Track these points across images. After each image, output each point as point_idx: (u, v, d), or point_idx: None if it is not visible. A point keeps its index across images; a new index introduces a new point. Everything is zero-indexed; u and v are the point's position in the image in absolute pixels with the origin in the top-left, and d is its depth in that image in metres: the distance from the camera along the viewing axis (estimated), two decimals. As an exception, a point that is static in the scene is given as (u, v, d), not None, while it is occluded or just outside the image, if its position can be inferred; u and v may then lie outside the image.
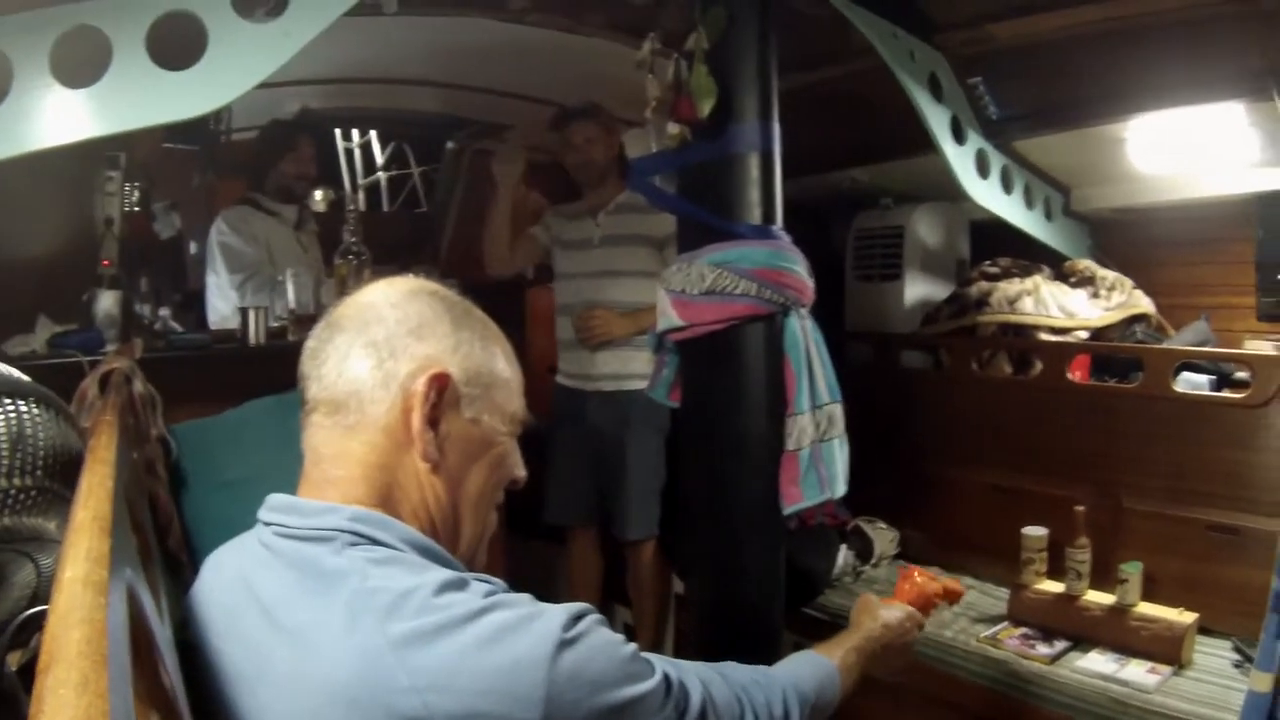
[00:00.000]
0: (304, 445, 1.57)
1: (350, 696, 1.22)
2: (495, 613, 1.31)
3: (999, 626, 3.49)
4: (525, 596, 1.39)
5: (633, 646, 1.46)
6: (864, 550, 4.27)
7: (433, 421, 1.52)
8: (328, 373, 1.53)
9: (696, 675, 1.62)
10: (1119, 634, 3.25)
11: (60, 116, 2.39)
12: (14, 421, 1.59)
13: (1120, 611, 3.26)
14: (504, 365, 1.66)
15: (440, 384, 1.52)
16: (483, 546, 1.69)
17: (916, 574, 2.71)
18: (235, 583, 1.46)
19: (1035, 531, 3.57)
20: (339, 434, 1.52)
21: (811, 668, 2.06)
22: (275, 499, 1.53)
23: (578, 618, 1.37)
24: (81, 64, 2.42)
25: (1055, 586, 3.49)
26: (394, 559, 1.39)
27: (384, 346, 1.52)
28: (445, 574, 1.37)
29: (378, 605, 1.28)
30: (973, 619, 3.60)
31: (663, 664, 1.52)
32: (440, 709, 1.22)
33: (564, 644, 1.31)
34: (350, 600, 1.30)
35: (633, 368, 4.51)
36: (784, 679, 1.90)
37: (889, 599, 2.58)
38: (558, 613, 1.36)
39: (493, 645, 1.27)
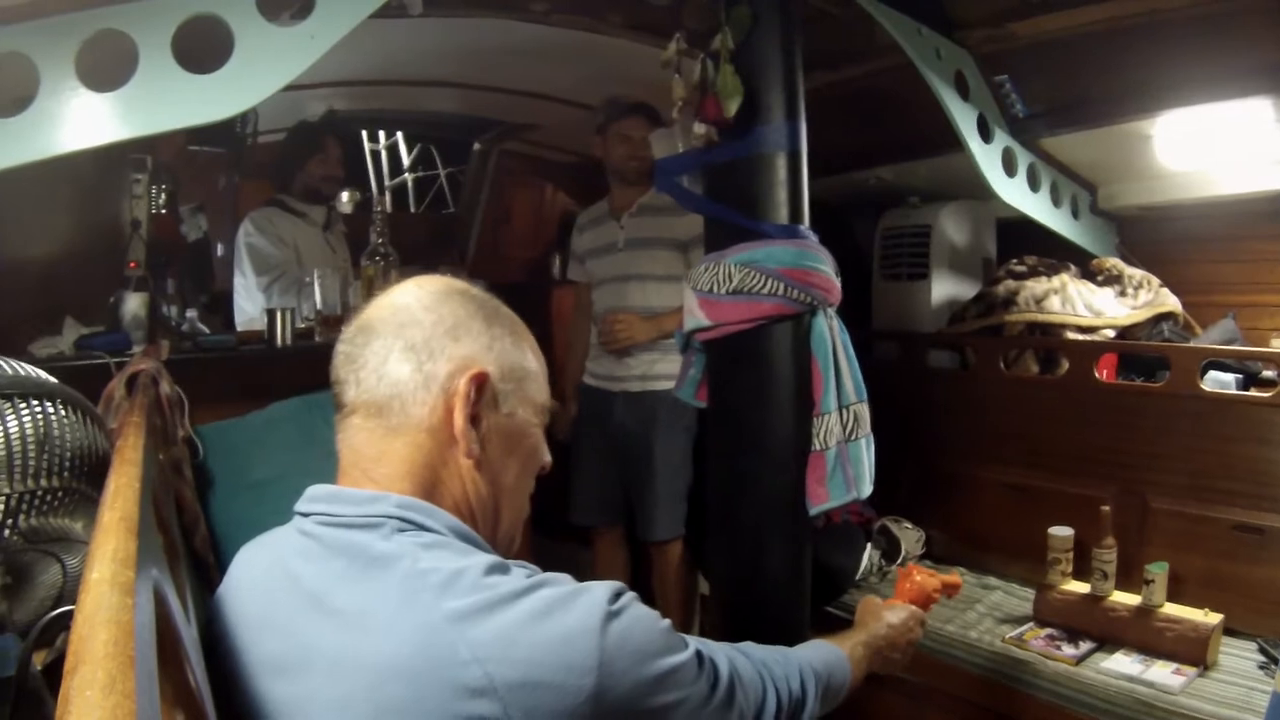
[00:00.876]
0: (340, 446, 1.59)
1: (412, 671, 1.24)
2: (543, 589, 1.35)
3: (1024, 627, 3.48)
4: (565, 576, 1.42)
5: (668, 622, 1.50)
6: (890, 549, 4.26)
7: (474, 419, 1.55)
8: (366, 376, 1.55)
9: (722, 651, 1.68)
10: (1144, 635, 3.23)
11: (86, 120, 2.39)
12: (41, 423, 1.60)
13: (1145, 612, 3.25)
14: (532, 358, 1.69)
15: (480, 382, 1.55)
16: (519, 532, 1.72)
17: (915, 573, 2.74)
18: (272, 574, 1.48)
19: (1061, 531, 3.55)
20: (381, 435, 1.54)
21: (824, 652, 2.11)
22: (317, 490, 1.55)
23: (619, 593, 1.42)
24: (108, 67, 2.43)
25: (1081, 587, 3.48)
26: (441, 543, 1.42)
27: (423, 349, 1.54)
28: (490, 557, 1.41)
29: (432, 584, 1.31)
30: (998, 619, 3.59)
31: (694, 641, 1.57)
32: (501, 678, 1.24)
33: (610, 615, 1.36)
34: (404, 580, 1.33)
35: (659, 369, 4.52)
36: (800, 658, 1.96)
37: (891, 600, 2.63)
38: (601, 588, 1.40)
39: (545, 617, 1.31)
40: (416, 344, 1.54)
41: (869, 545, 4.18)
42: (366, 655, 1.27)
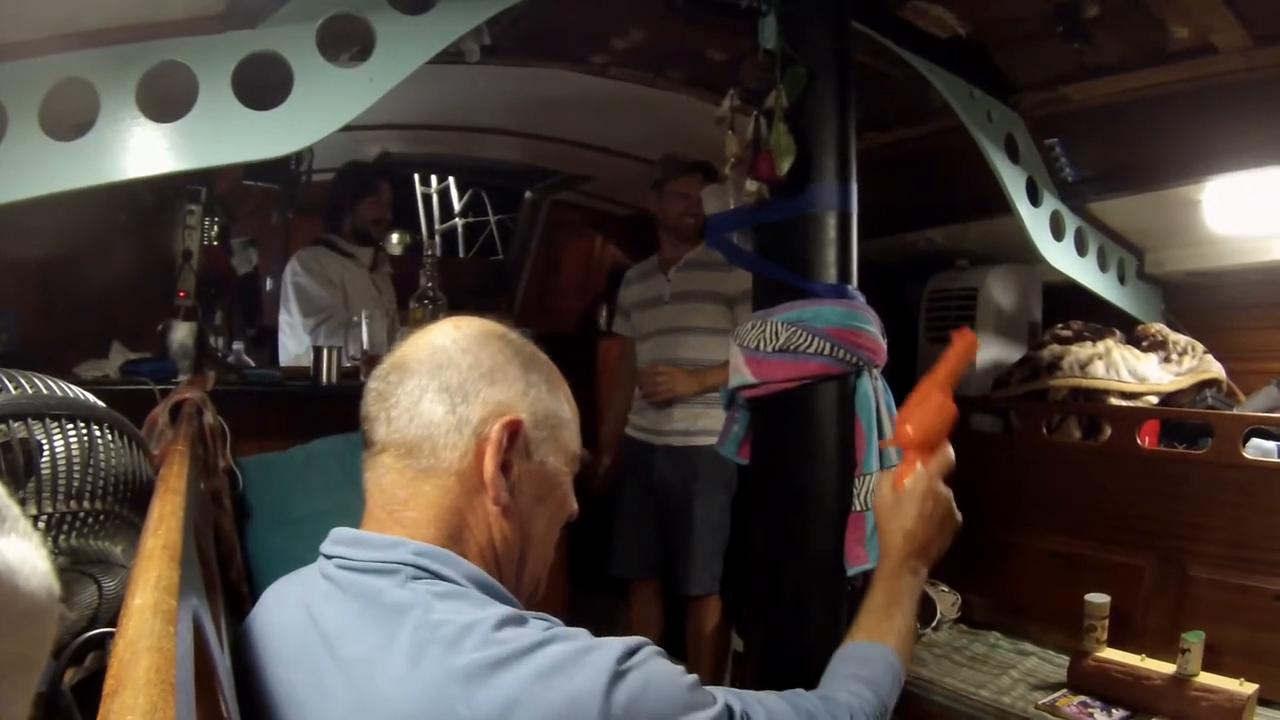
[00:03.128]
0: (367, 484, 1.58)
1: None
2: (552, 646, 1.31)
3: (1058, 694, 3.43)
4: (582, 631, 1.39)
5: (693, 677, 1.46)
6: (925, 613, 4.23)
7: (504, 466, 1.53)
8: (398, 415, 1.53)
9: (760, 703, 1.61)
10: (1179, 704, 3.19)
11: (144, 149, 2.43)
12: (85, 445, 1.61)
13: (1180, 681, 3.21)
14: (566, 406, 1.68)
15: (513, 430, 1.54)
16: (543, 580, 1.70)
17: (918, 408, 2.29)
18: (299, 613, 1.47)
19: (1098, 599, 3.52)
20: (410, 476, 1.52)
21: (869, 668, 1.95)
22: (340, 533, 1.55)
23: (633, 651, 1.38)
24: (168, 99, 2.46)
25: (1116, 655, 3.45)
26: (456, 593, 1.41)
27: (457, 392, 1.53)
28: (505, 610, 1.38)
29: (441, 637, 1.29)
30: (1032, 685, 3.55)
31: (725, 694, 1.51)
32: None
33: (618, 676, 1.32)
34: (414, 632, 1.31)
35: (702, 424, 4.52)
36: (849, 699, 1.83)
37: (901, 470, 2.22)
38: (614, 645, 1.36)
39: (550, 678, 1.27)
40: (451, 386, 1.54)
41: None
42: (373, 706, 1.27)
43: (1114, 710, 3.26)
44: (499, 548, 1.56)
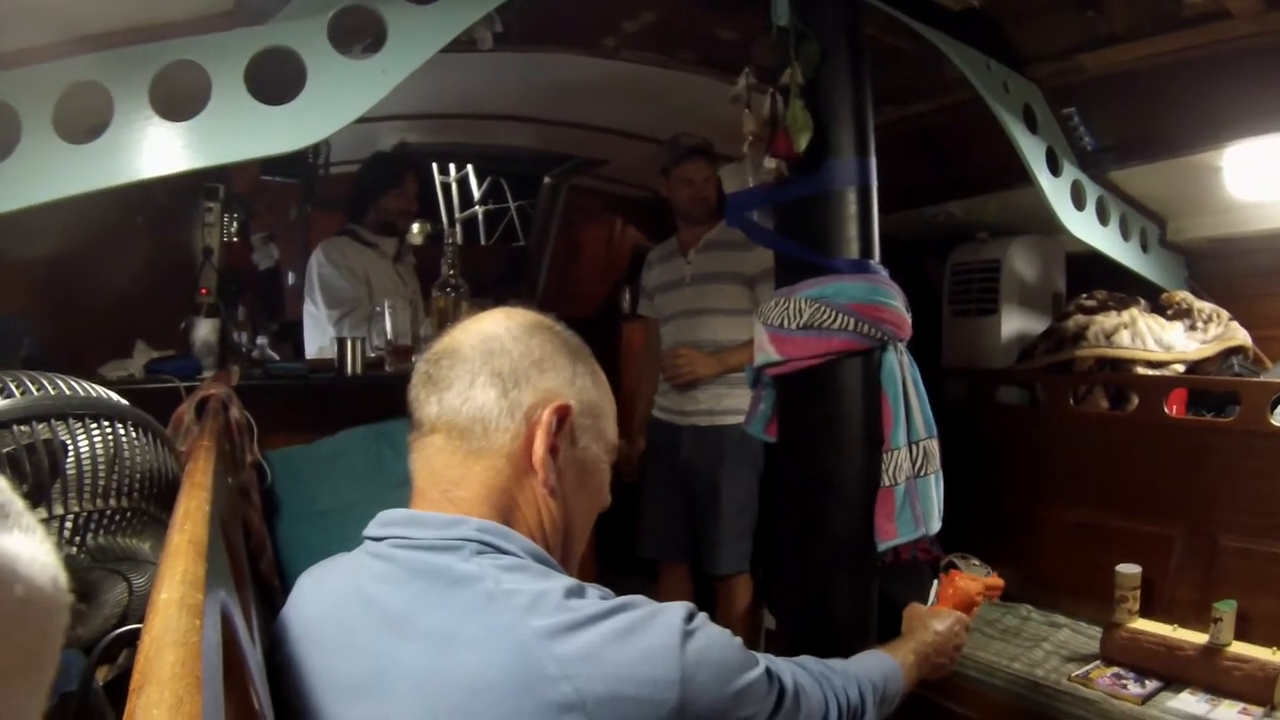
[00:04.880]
0: (416, 466, 1.62)
1: (502, 689, 1.28)
2: (623, 610, 1.39)
3: (1090, 666, 3.42)
4: (641, 597, 1.46)
5: (739, 640, 1.55)
6: (958, 587, 4.23)
7: (553, 450, 1.58)
8: (451, 398, 1.57)
9: (786, 666, 1.72)
10: (1211, 674, 3.18)
11: (159, 149, 2.43)
12: (112, 444, 1.62)
13: (1213, 651, 3.20)
14: (607, 397, 1.73)
15: (562, 415, 1.60)
16: (577, 566, 1.72)
17: (958, 578, 2.81)
18: (347, 599, 1.50)
19: (1129, 569, 3.51)
20: (461, 457, 1.56)
21: (878, 662, 2.17)
22: (393, 514, 1.57)
23: (693, 614, 1.47)
24: (182, 98, 2.46)
25: (1148, 625, 3.44)
26: (520, 566, 1.46)
27: (509, 377, 1.58)
28: (568, 580, 1.45)
29: (516, 604, 1.35)
30: (1064, 658, 3.53)
31: (761, 657, 1.60)
32: (590, 693, 1.28)
33: (688, 634, 1.41)
34: (488, 601, 1.36)
35: (726, 404, 4.52)
36: (856, 669, 2.01)
37: (935, 606, 2.72)
38: (677, 608, 1.46)
39: (628, 636, 1.36)
40: (504, 372, 1.58)
41: (935, 582, 4.15)
42: (454, 675, 1.30)
43: (1147, 681, 3.25)
44: (547, 528, 1.61)
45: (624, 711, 1.30)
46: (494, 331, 1.63)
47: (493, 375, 1.57)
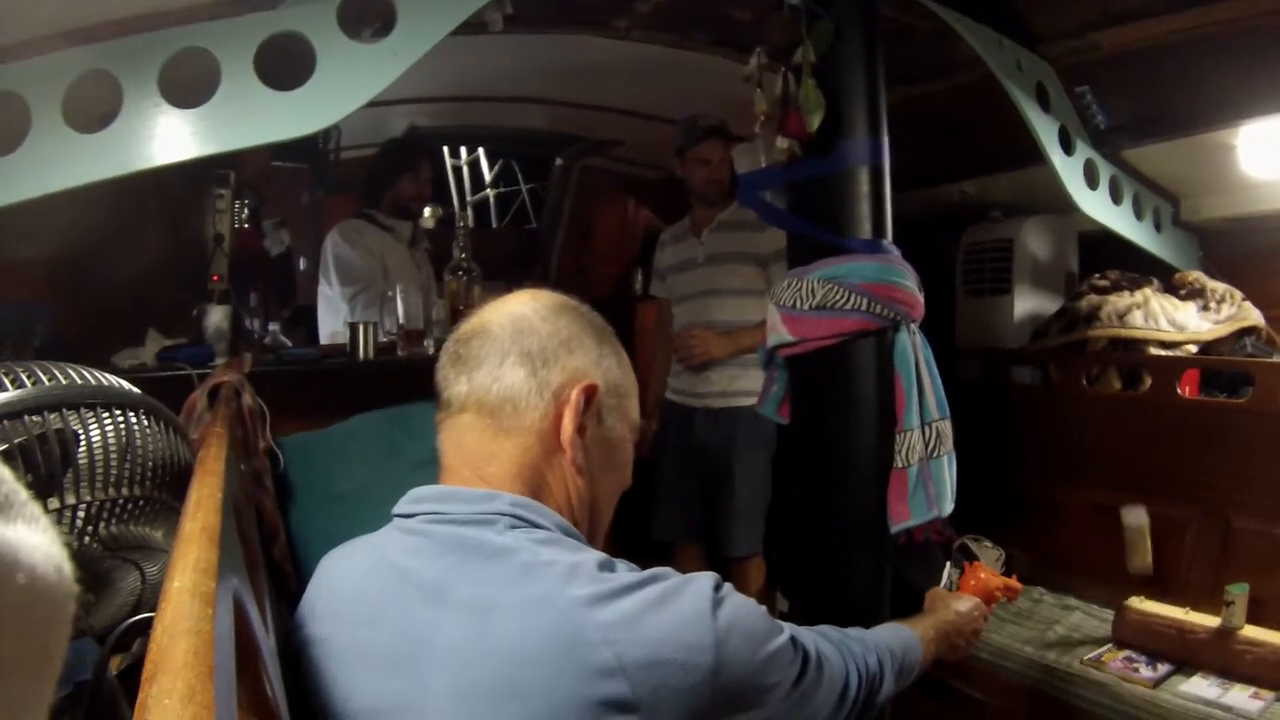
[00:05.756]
0: (444, 444, 1.65)
1: (544, 656, 1.30)
2: (655, 581, 1.42)
3: (1103, 649, 3.43)
4: (669, 569, 1.48)
5: (764, 608, 1.57)
6: (970, 569, 4.23)
7: (580, 429, 1.62)
8: (481, 377, 1.60)
9: (809, 634, 1.74)
10: (1224, 657, 3.18)
11: (169, 136, 2.44)
12: (123, 432, 1.62)
13: (1225, 634, 3.19)
14: (631, 376, 1.77)
15: (590, 394, 1.63)
16: (600, 543, 1.74)
17: (980, 570, 2.82)
18: (380, 573, 1.52)
19: (1135, 519, 3.53)
20: (492, 435, 1.60)
21: (896, 633, 2.18)
22: (424, 490, 1.61)
23: (720, 584, 1.49)
24: (191, 85, 2.46)
25: (1160, 608, 3.43)
26: (553, 540, 1.49)
27: (538, 357, 1.61)
28: (599, 554, 1.47)
29: (554, 574, 1.38)
30: (1077, 640, 3.54)
31: (786, 625, 1.63)
32: (630, 658, 1.30)
33: (718, 601, 1.44)
34: (526, 571, 1.39)
35: (739, 385, 4.53)
36: (876, 638, 2.04)
37: (956, 593, 2.72)
38: (705, 577, 1.48)
39: (662, 603, 1.38)
40: (533, 352, 1.61)
41: (948, 564, 4.14)
42: (495, 643, 1.32)
43: (1159, 664, 3.25)
44: (575, 505, 1.65)
45: (662, 675, 1.32)
46: (522, 312, 1.66)
47: (522, 355, 1.60)
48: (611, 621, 1.32)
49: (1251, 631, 3.14)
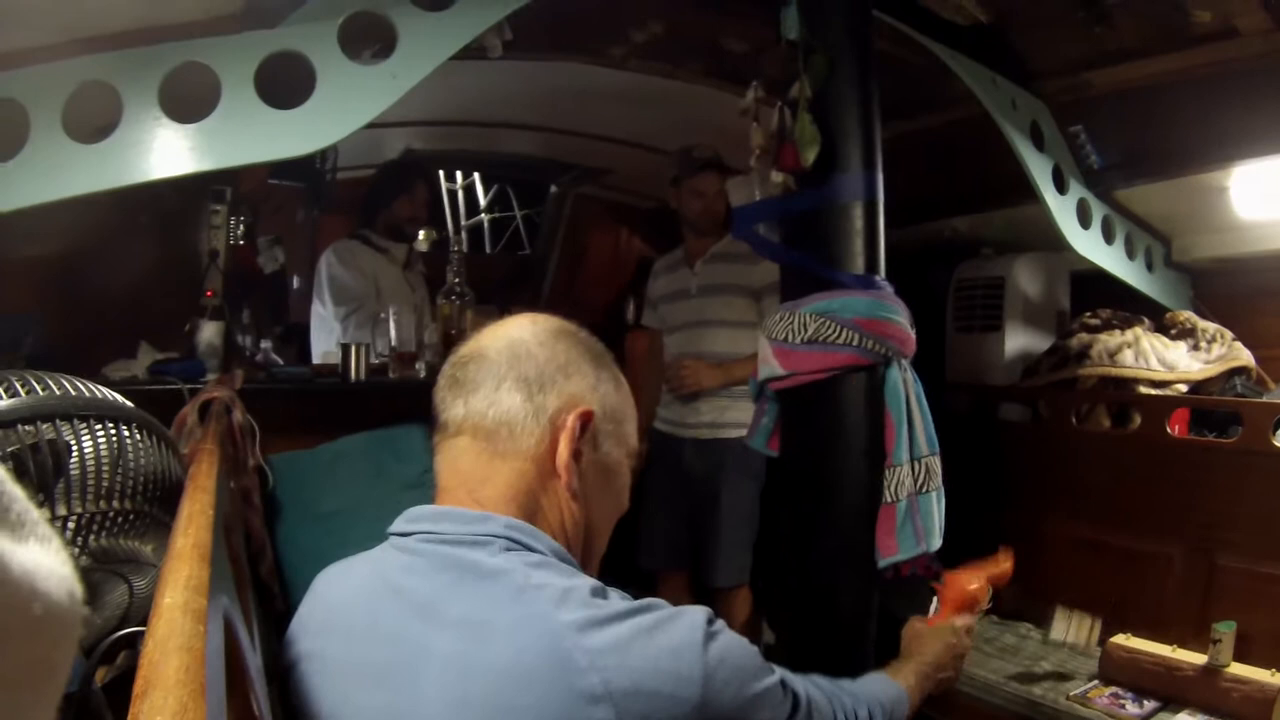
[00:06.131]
0: (440, 466, 1.65)
1: (533, 677, 1.30)
2: (648, 610, 1.42)
3: (1089, 685, 3.43)
4: (661, 600, 1.48)
5: (756, 648, 1.57)
6: (957, 603, 4.22)
7: (576, 454, 1.62)
8: (478, 401, 1.61)
9: (800, 680, 1.73)
10: (1210, 695, 3.18)
11: (168, 150, 2.44)
12: (116, 445, 1.62)
13: (1211, 672, 3.19)
14: (629, 402, 1.77)
15: (586, 420, 1.63)
16: (596, 570, 1.75)
17: (960, 579, 2.78)
18: (375, 590, 1.53)
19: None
20: (487, 458, 1.60)
21: (884, 686, 2.16)
22: (420, 510, 1.60)
23: (712, 618, 1.49)
24: (191, 100, 2.46)
25: (1147, 645, 3.44)
26: (546, 563, 1.49)
27: (535, 382, 1.61)
28: (592, 580, 1.48)
29: (547, 597, 1.38)
30: (1062, 676, 3.55)
31: (776, 668, 1.63)
32: (616, 685, 1.30)
33: (710, 635, 1.44)
34: (519, 592, 1.39)
35: (729, 416, 4.53)
36: (866, 692, 2.03)
37: (936, 616, 2.70)
38: (698, 611, 1.47)
39: (653, 632, 1.38)
40: (530, 377, 1.61)
41: (935, 599, 4.14)
42: (486, 661, 1.33)
43: (1145, 701, 3.25)
44: (569, 530, 1.65)
45: (649, 705, 1.32)
46: (520, 337, 1.67)
47: (519, 380, 1.60)
48: (600, 648, 1.32)
49: (1238, 669, 3.14)
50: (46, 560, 0.57)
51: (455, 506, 1.58)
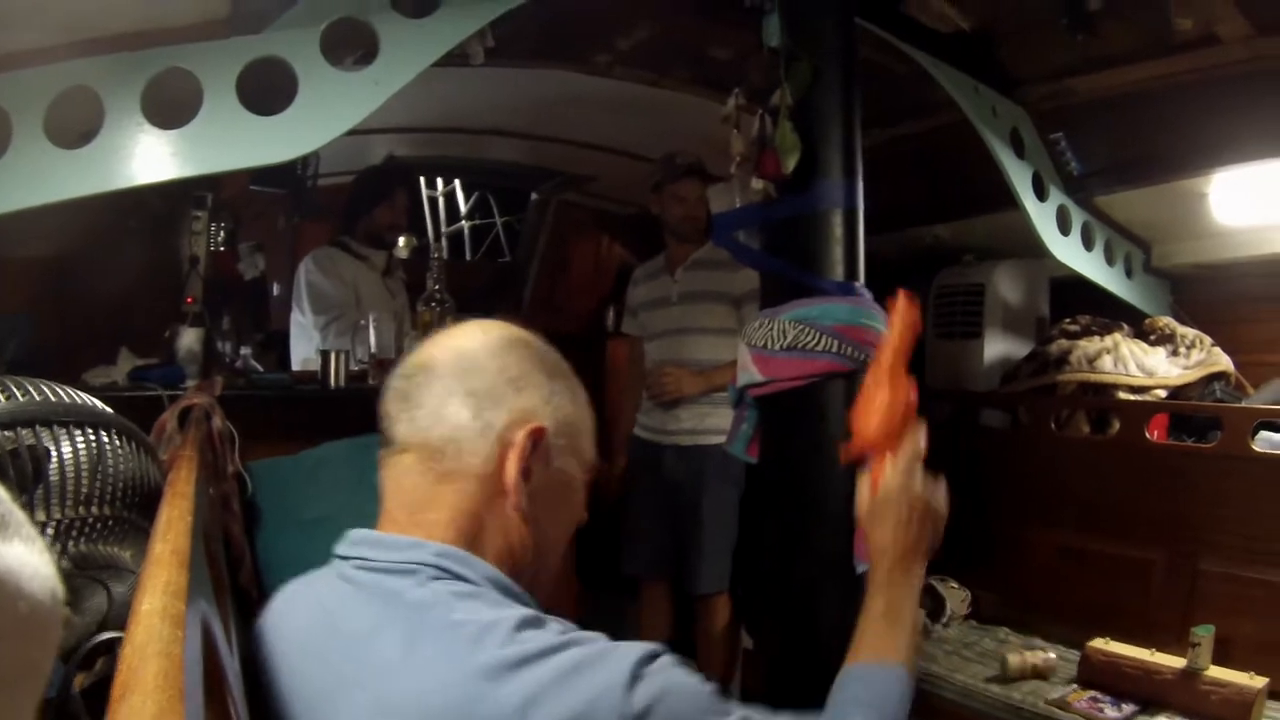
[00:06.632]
0: (386, 483, 1.59)
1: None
2: (573, 648, 1.31)
3: (1068, 689, 3.43)
4: (599, 635, 1.38)
5: (710, 686, 1.44)
6: (935, 609, 4.22)
7: (526, 473, 1.53)
8: (423, 417, 1.54)
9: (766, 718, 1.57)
10: (1189, 698, 3.19)
11: (150, 156, 2.44)
12: (95, 451, 1.62)
13: (1191, 675, 3.20)
14: (586, 414, 1.68)
15: (537, 437, 1.53)
16: (554, 583, 1.70)
17: (861, 410, 2.17)
18: (315, 615, 1.48)
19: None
20: (432, 479, 1.53)
21: (873, 690, 1.85)
22: (357, 534, 1.55)
23: (652, 656, 1.36)
24: (173, 106, 2.46)
25: (1126, 649, 3.45)
26: (475, 594, 1.41)
27: (484, 397, 1.53)
28: (524, 611, 1.38)
29: (464, 636, 1.30)
30: (1042, 680, 3.55)
31: (741, 707, 1.48)
32: None
33: (636, 679, 1.30)
34: (438, 631, 1.32)
35: (709, 423, 4.53)
36: (845, 702, 1.81)
37: (874, 471, 2.12)
38: (633, 649, 1.35)
39: (573, 677, 1.27)
40: (479, 391, 1.54)
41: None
42: (396, 703, 1.27)
43: (1124, 704, 3.26)
44: (517, 551, 1.56)
45: None
46: (469, 348, 1.60)
47: (467, 394, 1.53)
48: (508, 695, 1.24)
49: (1217, 672, 3.15)
50: (31, 560, 0.57)
51: (395, 531, 1.53)
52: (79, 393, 1.70)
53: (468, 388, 1.54)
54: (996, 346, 4.66)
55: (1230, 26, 3.18)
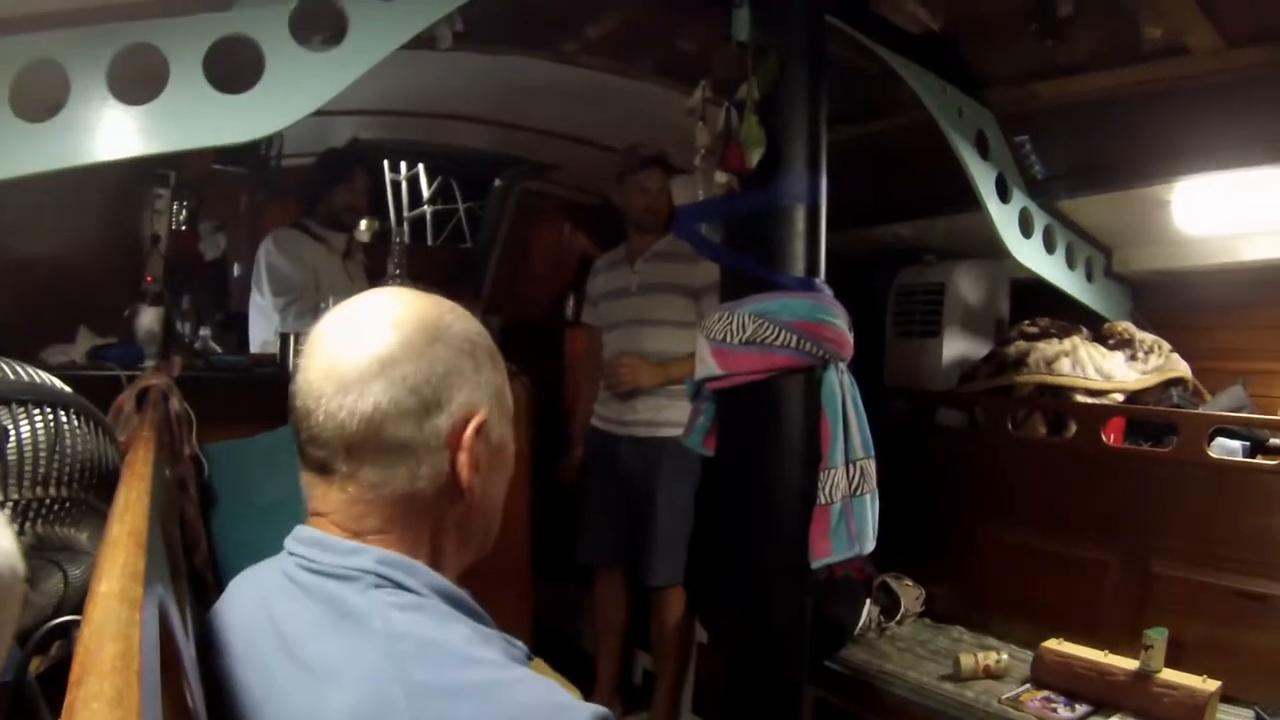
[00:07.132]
0: (323, 487, 1.49)
1: None
2: (519, 690, 1.26)
3: (1021, 688, 3.45)
4: (549, 681, 1.31)
5: None
6: (889, 606, 4.23)
7: (475, 465, 1.46)
8: (354, 426, 1.41)
9: None
10: (1141, 700, 3.21)
11: (115, 132, 2.43)
12: (52, 431, 1.60)
13: (1143, 677, 3.22)
14: (502, 370, 1.59)
15: (480, 429, 1.46)
16: (498, 527, 1.64)
17: None
18: (257, 610, 1.43)
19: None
20: (369, 487, 1.43)
21: None
22: (303, 531, 1.48)
23: None
24: (138, 82, 2.45)
25: (1079, 650, 3.46)
26: (418, 605, 1.35)
27: (419, 409, 1.42)
28: (470, 630, 1.35)
29: (401, 651, 1.23)
30: (995, 680, 3.57)
31: None
32: None
33: None
34: (375, 644, 1.25)
35: (666, 415, 4.52)
36: None
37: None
38: (582, 712, 1.25)
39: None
40: (413, 408, 1.42)
41: (869, 601, 4.16)
42: (325, 713, 1.22)
43: (1077, 705, 3.28)
44: (474, 538, 1.54)
45: None
46: (389, 355, 1.42)
47: (401, 415, 1.40)
48: None
49: (1170, 675, 3.17)
50: None
51: (336, 532, 1.44)
52: (37, 371, 1.68)
53: (403, 407, 1.41)
54: (955, 346, 4.68)
55: (1199, 38, 3.19)
